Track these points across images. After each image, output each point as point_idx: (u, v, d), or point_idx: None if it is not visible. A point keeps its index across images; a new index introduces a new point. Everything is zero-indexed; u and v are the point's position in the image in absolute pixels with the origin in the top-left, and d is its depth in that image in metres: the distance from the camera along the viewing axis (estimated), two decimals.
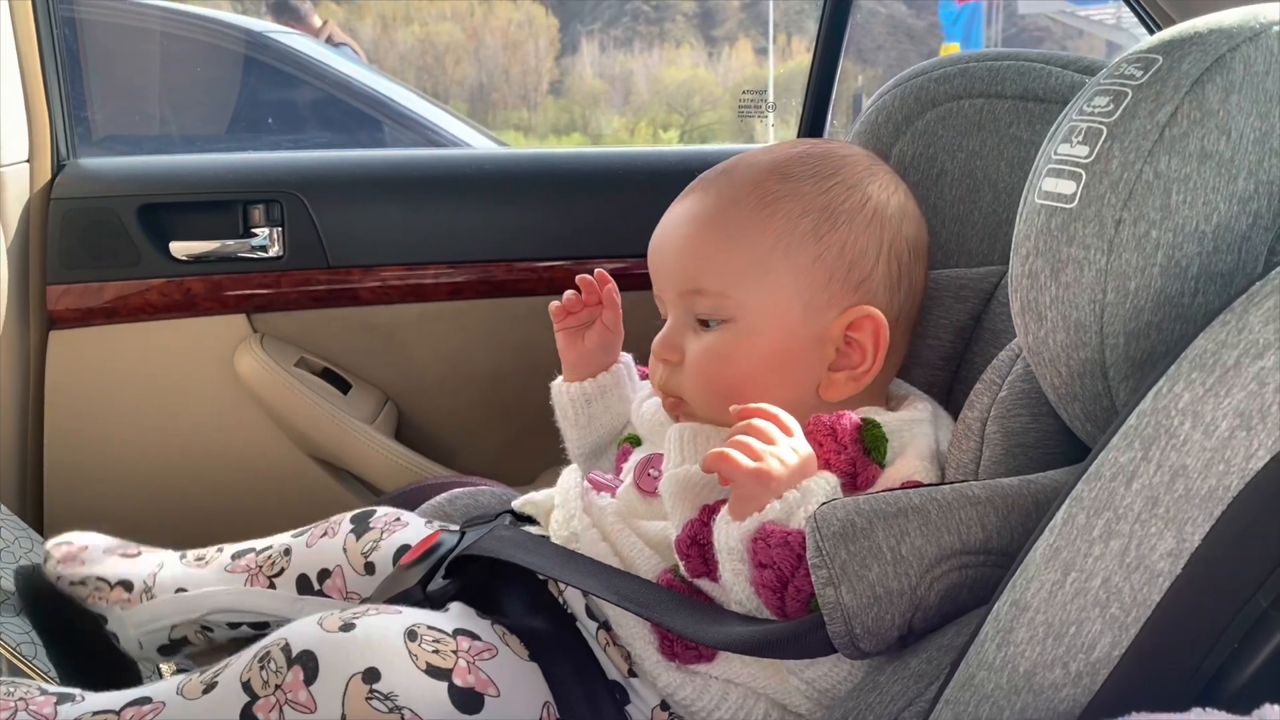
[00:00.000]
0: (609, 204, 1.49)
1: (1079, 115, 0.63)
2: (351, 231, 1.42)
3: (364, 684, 0.69)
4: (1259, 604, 0.51)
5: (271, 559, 0.96)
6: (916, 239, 0.87)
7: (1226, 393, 0.52)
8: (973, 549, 0.64)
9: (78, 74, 1.97)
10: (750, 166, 0.86)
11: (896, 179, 0.89)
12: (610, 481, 0.89)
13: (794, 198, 0.83)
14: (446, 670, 0.71)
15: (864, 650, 0.63)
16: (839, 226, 0.82)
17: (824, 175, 0.84)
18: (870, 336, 0.82)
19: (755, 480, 0.70)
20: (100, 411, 1.39)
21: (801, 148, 0.87)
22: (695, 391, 0.84)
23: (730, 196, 0.84)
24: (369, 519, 0.96)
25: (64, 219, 1.36)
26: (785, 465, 0.71)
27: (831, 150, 0.87)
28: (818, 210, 0.82)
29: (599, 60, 7.59)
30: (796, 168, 0.84)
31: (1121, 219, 0.60)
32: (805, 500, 0.70)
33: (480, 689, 0.71)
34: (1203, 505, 0.51)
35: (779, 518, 0.70)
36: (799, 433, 0.75)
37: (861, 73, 5.69)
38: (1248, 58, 0.59)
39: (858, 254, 0.82)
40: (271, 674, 0.70)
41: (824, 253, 0.82)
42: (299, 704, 0.69)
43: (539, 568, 0.78)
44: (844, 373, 0.83)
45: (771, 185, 0.83)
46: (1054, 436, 0.72)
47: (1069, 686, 0.53)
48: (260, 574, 0.95)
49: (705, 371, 0.84)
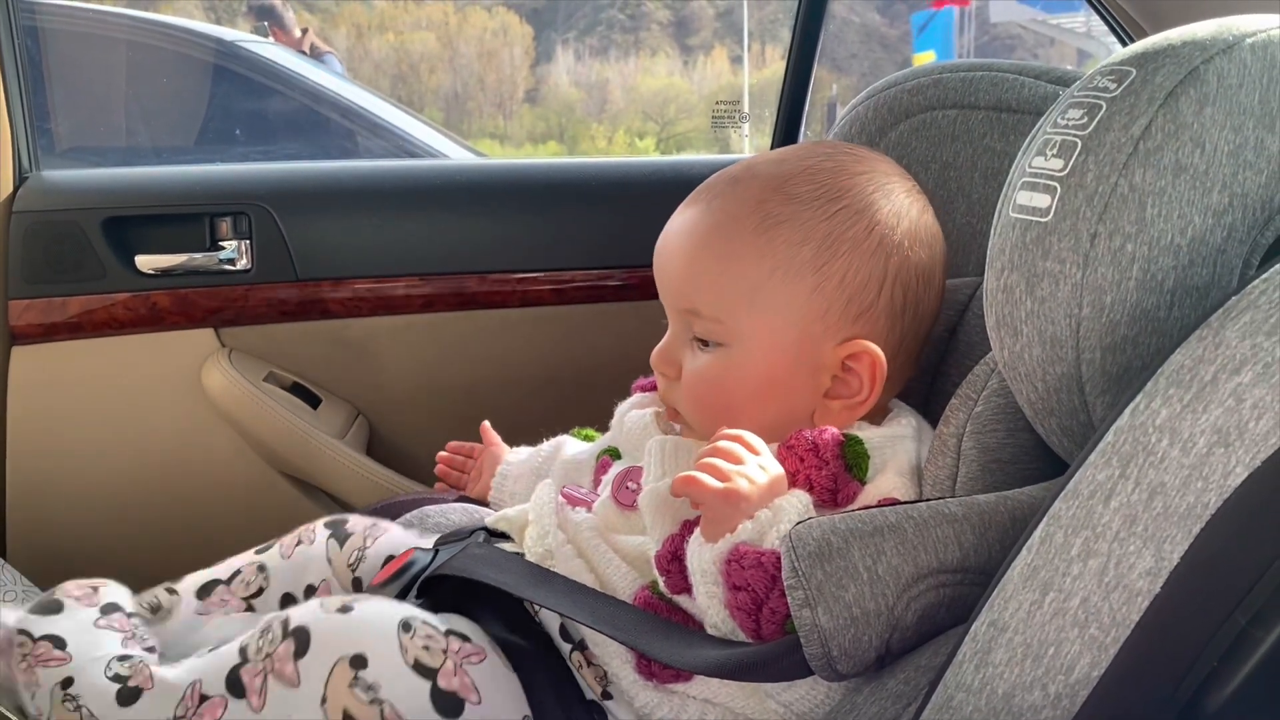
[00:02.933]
0: (583, 215, 1.48)
1: (1053, 128, 0.63)
2: (321, 244, 1.40)
3: (350, 669, 0.69)
4: (1238, 622, 0.50)
5: (246, 582, 0.90)
6: (928, 264, 0.83)
7: (1204, 409, 0.51)
8: (950, 568, 0.63)
9: (40, 84, 1.94)
10: (755, 180, 0.83)
11: (915, 195, 0.85)
12: (586, 495, 0.88)
13: (795, 223, 0.80)
14: (433, 670, 0.71)
15: (841, 672, 0.63)
16: (840, 256, 0.80)
17: (829, 198, 0.81)
18: (867, 369, 0.80)
19: (724, 501, 0.69)
20: (64, 428, 1.36)
21: (812, 160, 0.83)
22: (688, 409, 0.84)
23: (732, 215, 0.81)
24: (345, 525, 0.92)
25: (26, 232, 1.33)
26: (754, 484, 0.70)
27: (843, 166, 0.83)
28: (819, 239, 0.80)
29: (574, 69, 7.60)
30: (802, 187, 0.81)
31: (1097, 233, 0.59)
32: (777, 519, 0.69)
33: (463, 693, 0.71)
34: (1181, 523, 0.50)
35: (751, 538, 0.69)
36: (766, 452, 0.74)
37: (836, 81, 5.72)
38: (1221, 70, 0.59)
39: (858, 286, 0.80)
40: (266, 643, 0.72)
41: (823, 284, 0.80)
42: (283, 676, 0.70)
43: (512, 588, 0.77)
44: (839, 401, 0.81)
45: (774, 207, 0.80)
46: (1030, 452, 0.72)
47: (1048, 709, 0.52)
48: (234, 601, 0.90)
49: (697, 392, 0.83)
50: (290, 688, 0.69)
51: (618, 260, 1.47)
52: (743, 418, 0.80)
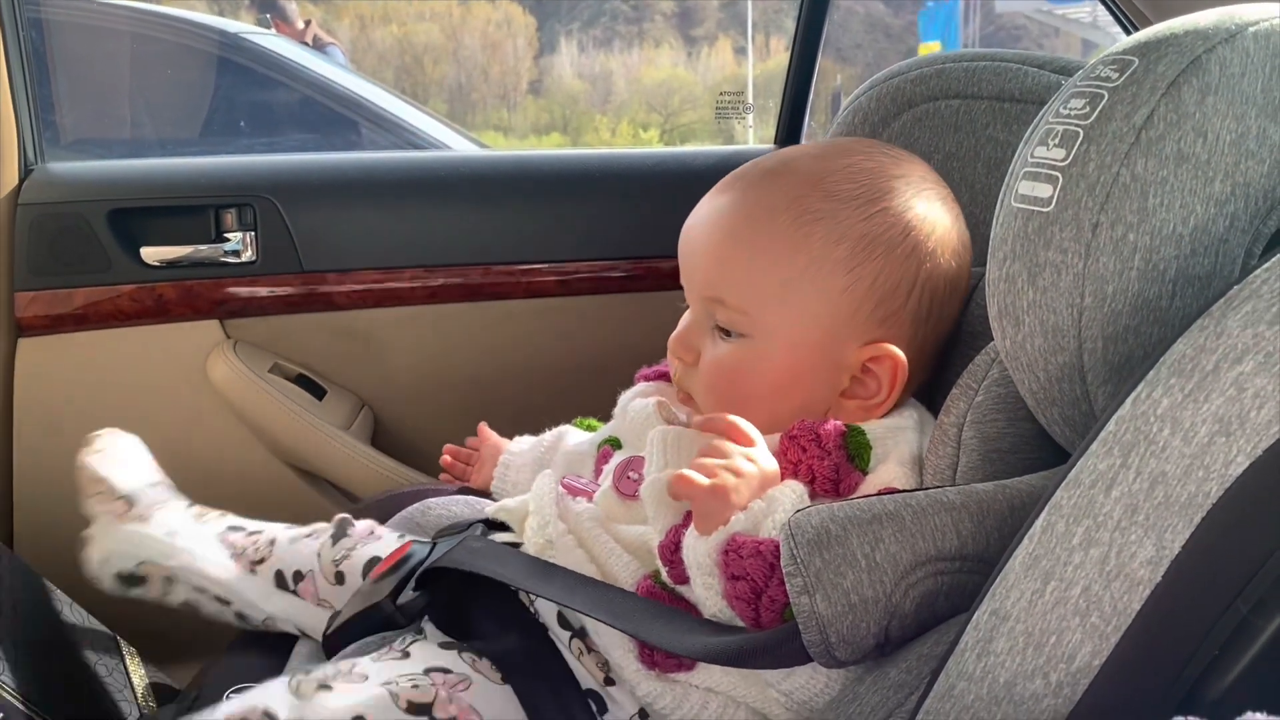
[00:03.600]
0: (587, 206, 1.48)
1: (1055, 118, 0.63)
2: (325, 235, 1.40)
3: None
4: (1239, 610, 0.50)
5: (258, 546, 0.97)
6: (956, 272, 0.83)
7: (1205, 398, 0.51)
8: (948, 555, 0.63)
9: (45, 76, 1.94)
10: (794, 175, 0.82)
11: (949, 203, 0.84)
12: (586, 486, 0.88)
13: (832, 220, 0.79)
14: (428, 705, 0.71)
15: (840, 659, 0.63)
16: (874, 258, 0.79)
17: (869, 199, 0.80)
18: (888, 372, 0.80)
19: (712, 496, 0.70)
20: (71, 420, 1.36)
21: (852, 159, 0.82)
22: (703, 397, 0.84)
23: (768, 206, 0.81)
24: (348, 529, 0.96)
25: (32, 225, 1.33)
26: (743, 477, 0.70)
27: (883, 167, 0.82)
28: (855, 239, 0.79)
29: (578, 60, 7.58)
30: (843, 185, 0.80)
31: (1099, 222, 0.59)
32: (772, 509, 0.70)
33: (462, 717, 0.71)
34: (1182, 512, 0.50)
35: (746, 529, 0.69)
36: (762, 443, 0.74)
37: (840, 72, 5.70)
38: (1224, 59, 0.59)
39: (889, 289, 0.80)
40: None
41: (854, 285, 0.79)
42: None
43: (509, 580, 0.77)
44: (856, 401, 0.81)
45: (812, 203, 0.80)
46: (1031, 441, 0.72)
47: (1049, 697, 0.52)
48: (245, 556, 0.97)
49: (714, 382, 0.83)
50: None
51: (622, 251, 1.47)
52: (758, 410, 0.80)
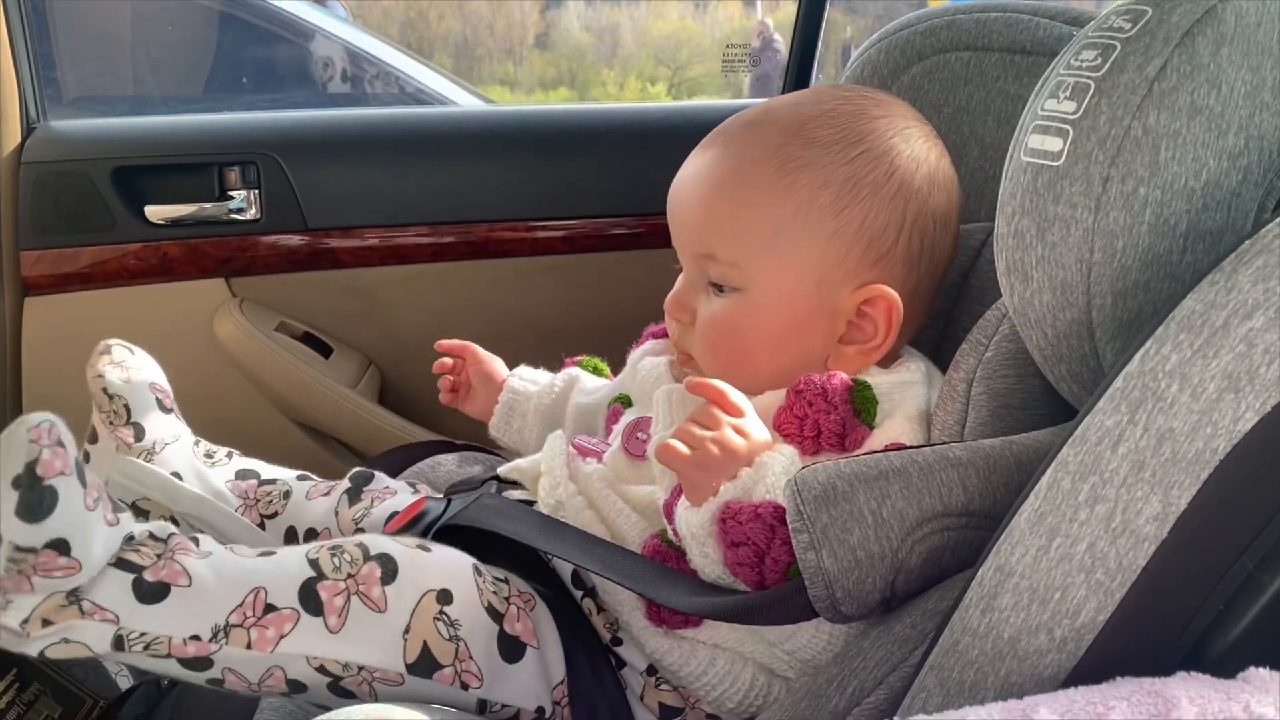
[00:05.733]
0: (593, 162, 1.47)
1: (1066, 70, 0.62)
2: (330, 193, 1.39)
3: (436, 603, 0.69)
4: (1245, 566, 0.50)
5: (271, 497, 0.93)
6: (945, 209, 0.83)
7: (1214, 354, 0.51)
8: (954, 511, 0.63)
9: (46, 33, 1.92)
10: (774, 124, 0.82)
11: (932, 140, 0.84)
12: (596, 446, 0.89)
13: (815, 167, 0.79)
14: (501, 614, 0.71)
15: (845, 614, 0.63)
16: (860, 200, 0.79)
17: (850, 142, 0.80)
18: (884, 314, 0.80)
19: (696, 468, 0.70)
20: (78, 379, 1.36)
21: (830, 104, 0.82)
22: (702, 355, 0.84)
23: (751, 158, 0.80)
24: (364, 487, 0.94)
25: (35, 183, 1.33)
26: (727, 448, 0.70)
27: (862, 110, 0.82)
28: (839, 182, 0.79)
29: (584, 13, 7.49)
30: (822, 131, 0.80)
31: (1109, 176, 0.58)
32: (761, 475, 0.70)
33: (525, 639, 0.72)
34: (1189, 469, 0.50)
35: (737, 495, 0.70)
36: (751, 411, 0.74)
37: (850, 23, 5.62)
38: (1239, 9, 0.58)
39: (878, 230, 0.79)
40: (345, 562, 0.69)
41: (842, 228, 0.79)
42: (370, 599, 0.68)
43: (523, 537, 0.77)
44: (854, 346, 0.81)
45: (794, 150, 0.79)
46: (1040, 397, 0.72)
47: (1054, 652, 0.52)
48: (255, 508, 0.93)
49: (712, 338, 0.82)
50: (376, 612, 0.68)
51: (629, 208, 1.46)
52: (758, 362, 0.80)
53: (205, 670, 0.66)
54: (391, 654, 0.67)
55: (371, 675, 0.67)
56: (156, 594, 0.65)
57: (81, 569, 0.63)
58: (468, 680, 0.69)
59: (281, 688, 0.68)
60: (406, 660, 0.68)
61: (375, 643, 0.67)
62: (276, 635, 0.66)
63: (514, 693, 0.71)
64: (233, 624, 0.66)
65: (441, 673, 0.68)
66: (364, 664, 0.67)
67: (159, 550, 0.67)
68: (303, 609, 0.67)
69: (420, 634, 0.68)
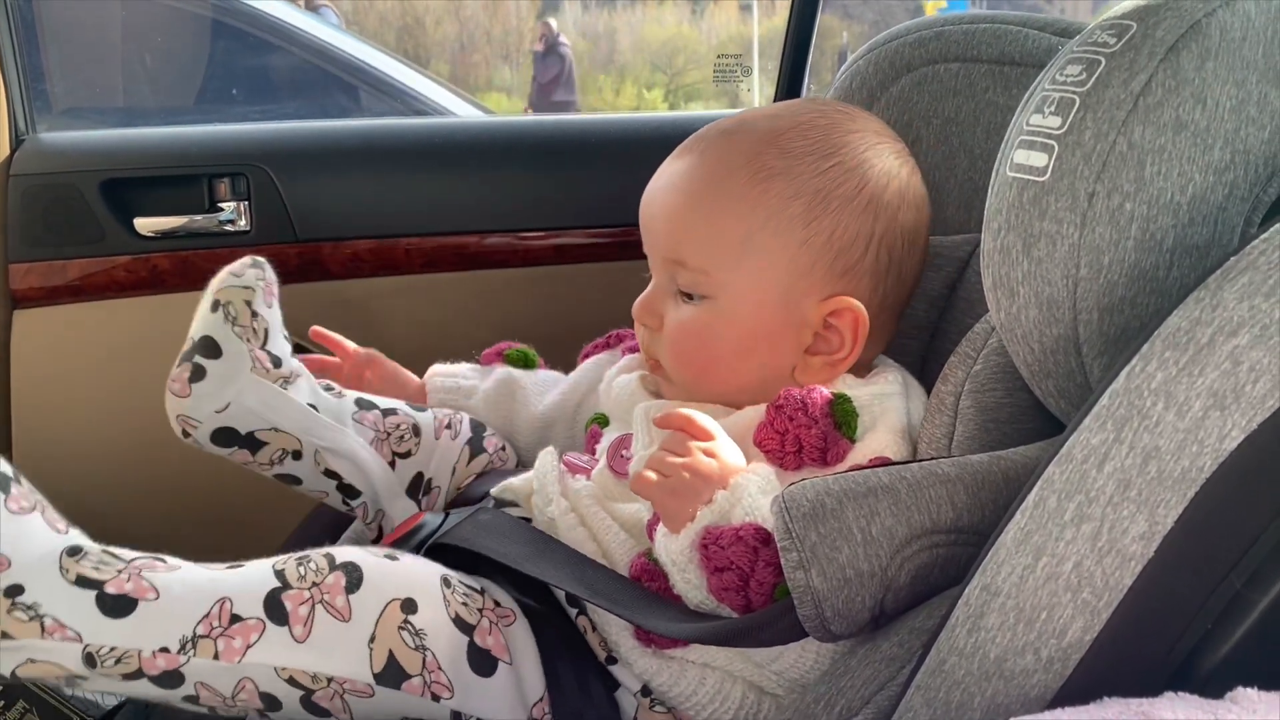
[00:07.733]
0: (585, 173, 1.47)
1: (1051, 85, 0.62)
2: (320, 204, 1.39)
3: (401, 612, 0.68)
4: (1233, 585, 0.50)
5: (401, 433, 0.91)
6: (914, 227, 0.83)
7: (1200, 372, 0.50)
8: (943, 528, 0.63)
9: (35, 44, 1.92)
10: (749, 134, 0.82)
11: (904, 157, 0.85)
12: (586, 464, 0.88)
13: (787, 177, 0.79)
14: (471, 626, 0.71)
15: (835, 633, 0.63)
16: (830, 211, 0.79)
17: (823, 154, 0.80)
18: (850, 326, 0.80)
19: (670, 496, 0.71)
20: (68, 392, 1.36)
21: (806, 116, 0.83)
22: (670, 362, 0.84)
23: (724, 166, 0.81)
24: (484, 437, 0.95)
25: (24, 195, 1.32)
26: (699, 474, 0.71)
27: (836, 124, 0.83)
28: (810, 194, 0.79)
29: (581, 19, 7.50)
30: (796, 142, 0.81)
31: (1095, 191, 0.58)
32: (737, 497, 0.70)
33: (496, 653, 0.71)
34: (1175, 487, 0.50)
35: (716, 520, 0.69)
36: (720, 434, 0.74)
37: (846, 29, 5.63)
38: (1224, 23, 0.58)
39: (846, 242, 0.80)
40: (310, 571, 0.69)
41: (812, 238, 0.79)
42: (334, 607, 0.67)
43: (510, 560, 0.77)
44: (820, 357, 0.81)
45: (767, 160, 0.80)
46: (1029, 411, 0.71)
47: (1040, 672, 0.52)
48: (388, 443, 0.91)
49: (679, 346, 0.83)
50: (340, 621, 0.67)
51: (620, 219, 1.45)
52: (724, 371, 0.80)
53: (178, 687, 0.66)
54: (357, 663, 0.67)
55: (341, 687, 0.67)
56: (123, 607, 0.64)
57: (11, 565, 0.63)
58: (438, 691, 0.69)
59: (256, 703, 0.67)
60: (373, 669, 0.67)
61: (341, 652, 0.67)
62: (243, 645, 0.66)
63: (489, 707, 0.71)
64: (200, 634, 0.65)
65: (410, 683, 0.68)
66: (332, 674, 0.67)
67: (119, 567, 0.66)
68: (268, 619, 0.67)
69: (385, 642, 0.68)
